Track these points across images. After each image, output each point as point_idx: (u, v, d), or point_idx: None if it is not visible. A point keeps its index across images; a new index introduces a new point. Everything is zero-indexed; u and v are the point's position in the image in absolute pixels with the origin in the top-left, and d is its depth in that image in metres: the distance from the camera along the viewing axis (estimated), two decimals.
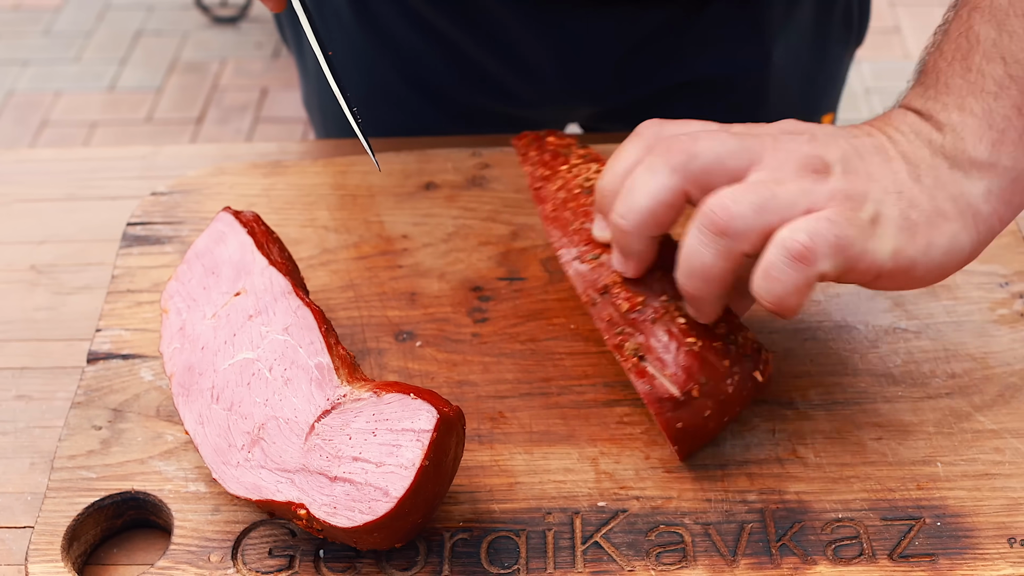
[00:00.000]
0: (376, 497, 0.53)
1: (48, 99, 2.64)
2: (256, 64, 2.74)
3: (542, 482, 0.62)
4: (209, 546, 0.60)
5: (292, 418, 0.58)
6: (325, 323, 0.60)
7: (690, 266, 0.57)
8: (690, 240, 0.57)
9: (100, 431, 0.66)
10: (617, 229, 0.60)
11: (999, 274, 0.74)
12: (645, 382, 0.60)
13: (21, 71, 2.73)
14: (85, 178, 0.88)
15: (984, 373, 0.68)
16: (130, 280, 0.75)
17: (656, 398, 0.59)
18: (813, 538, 0.59)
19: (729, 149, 0.58)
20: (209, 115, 2.58)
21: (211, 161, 0.87)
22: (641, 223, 0.59)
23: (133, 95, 2.65)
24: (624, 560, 0.59)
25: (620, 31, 0.91)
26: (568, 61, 0.92)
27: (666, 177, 0.57)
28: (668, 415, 0.60)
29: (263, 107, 2.61)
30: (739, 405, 0.62)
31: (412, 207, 0.79)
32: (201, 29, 2.85)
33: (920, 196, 0.59)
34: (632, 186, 0.59)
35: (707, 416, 0.60)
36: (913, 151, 0.61)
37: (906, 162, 0.60)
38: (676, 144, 0.58)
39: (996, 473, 0.62)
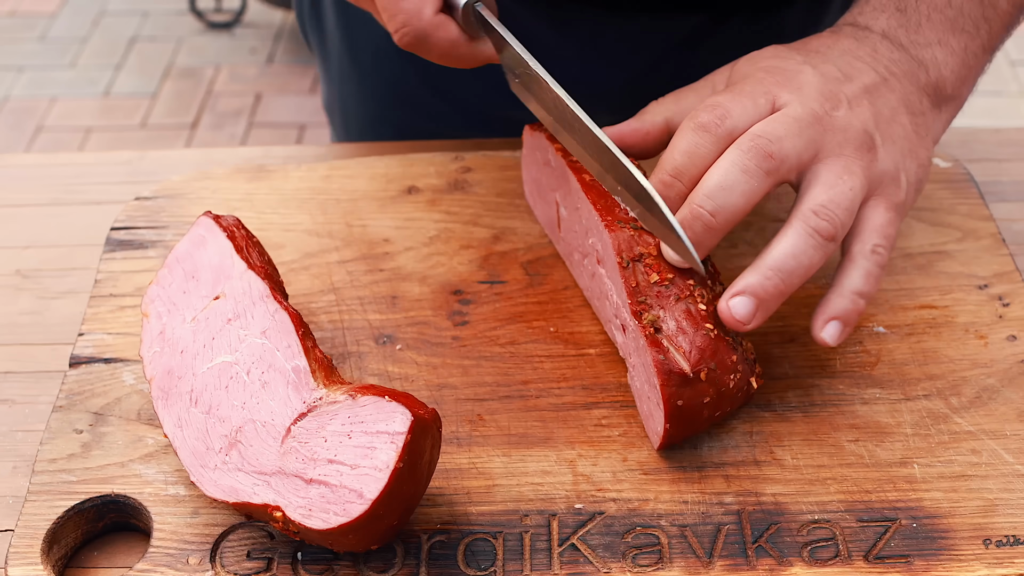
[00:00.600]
0: (351, 499, 0.53)
1: (43, 105, 2.65)
2: (250, 69, 2.75)
3: (519, 484, 0.62)
4: (188, 549, 0.60)
5: (269, 421, 0.58)
6: (302, 327, 0.61)
7: (789, 252, 0.61)
8: (795, 233, 0.61)
9: (81, 435, 0.66)
10: (700, 221, 0.61)
11: (978, 276, 0.74)
12: (659, 352, 0.60)
13: (16, 77, 2.73)
14: (71, 183, 0.88)
15: (962, 375, 0.68)
16: (113, 284, 0.75)
17: (667, 370, 0.60)
18: (789, 540, 0.60)
19: (804, 144, 0.62)
20: (203, 120, 2.59)
21: (196, 166, 0.87)
22: (732, 221, 0.61)
23: (128, 101, 2.65)
24: (600, 562, 0.59)
25: (645, 40, 0.90)
26: (590, 69, 0.92)
27: (761, 180, 0.61)
28: (673, 389, 0.60)
29: (257, 112, 2.62)
30: (731, 404, 0.63)
31: (394, 211, 0.79)
32: (196, 35, 2.86)
33: (921, 149, 0.67)
34: (725, 183, 0.61)
35: (706, 403, 0.61)
36: (908, 96, 0.66)
37: (908, 112, 0.66)
38: (764, 145, 0.61)
39: (972, 474, 0.63)
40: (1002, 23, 0.69)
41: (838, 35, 0.69)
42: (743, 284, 0.60)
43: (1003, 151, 0.88)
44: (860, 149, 0.63)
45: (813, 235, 0.61)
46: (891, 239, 0.64)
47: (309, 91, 2.69)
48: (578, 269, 0.72)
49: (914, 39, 0.67)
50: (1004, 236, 0.80)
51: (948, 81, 0.67)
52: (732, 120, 0.63)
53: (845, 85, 0.65)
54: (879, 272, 0.63)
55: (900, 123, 0.66)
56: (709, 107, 0.63)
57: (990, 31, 0.68)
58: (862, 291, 0.63)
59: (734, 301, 0.60)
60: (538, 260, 0.75)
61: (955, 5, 0.67)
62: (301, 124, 2.58)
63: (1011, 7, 0.69)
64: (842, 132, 0.63)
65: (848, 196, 0.62)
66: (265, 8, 2.89)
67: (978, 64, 0.69)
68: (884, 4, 0.69)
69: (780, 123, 0.62)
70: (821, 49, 0.67)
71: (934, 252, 0.76)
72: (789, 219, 0.62)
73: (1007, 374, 0.68)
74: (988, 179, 0.86)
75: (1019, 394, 0.67)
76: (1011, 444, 0.64)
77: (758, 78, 0.65)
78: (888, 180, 0.64)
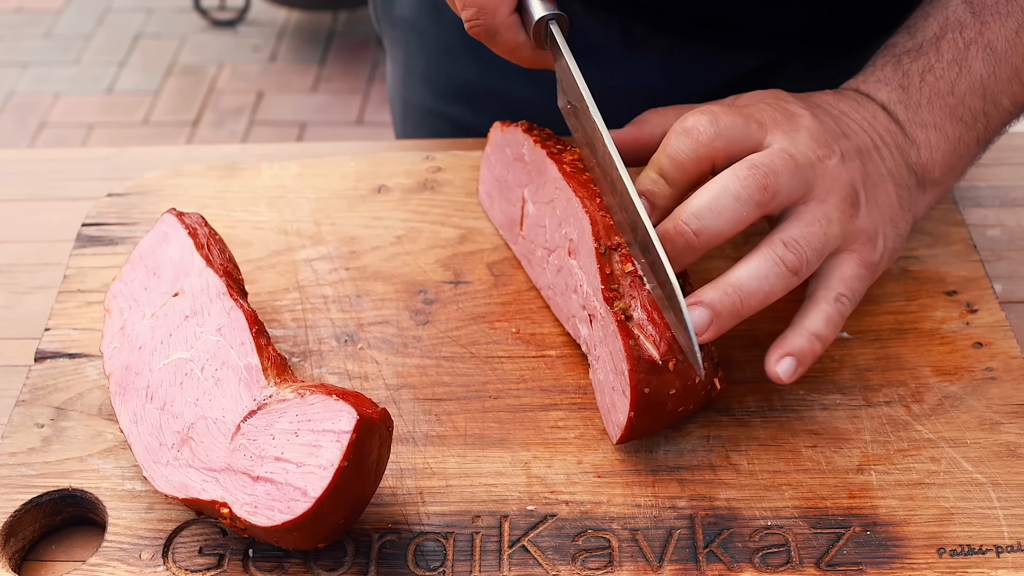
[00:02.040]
0: (295, 497, 0.53)
1: (47, 101, 2.66)
2: (253, 67, 2.76)
3: (473, 485, 0.62)
4: (141, 544, 0.60)
5: (220, 418, 0.58)
6: (256, 324, 0.61)
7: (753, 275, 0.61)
8: (762, 258, 0.61)
9: (42, 429, 0.66)
10: (683, 238, 0.61)
11: (947, 282, 0.74)
12: (629, 338, 0.60)
13: (21, 73, 2.75)
14: (47, 179, 0.88)
15: (925, 382, 0.68)
16: (81, 280, 0.75)
17: (637, 356, 0.60)
18: (741, 545, 0.59)
19: (797, 183, 0.63)
20: (205, 118, 2.60)
21: (173, 163, 0.87)
22: (713, 244, 0.62)
23: (131, 97, 2.66)
24: (549, 564, 0.59)
25: (721, 65, 0.89)
26: (670, 82, 0.90)
27: (751, 210, 0.61)
28: (641, 375, 0.60)
29: (259, 110, 2.62)
30: (693, 401, 0.63)
31: (363, 210, 0.79)
32: (199, 32, 2.87)
33: (901, 220, 0.68)
34: (714, 207, 0.61)
35: (671, 394, 0.61)
36: (897, 169, 0.67)
37: (895, 183, 0.67)
38: (760, 178, 0.61)
39: (930, 483, 0.62)
40: (1002, 119, 0.70)
41: (840, 96, 0.69)
42: (702, 296, 0.60)
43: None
44: (844, 201, 0.64)
45: (778, 264, 0.61)
46: (857, 293, 0.65)
47: (311, 90, 2.70)
48: (539, 268, 0.72)
49: (912, 117, 0.68)
50: (978, 242, 0.79)
51: (937, 165, 0.68)
52: (718, 128, 0.63)
53: (840, 140, 0.66)
54: (840, 320, 0.64)
55: (886, 190, 0.66)
56: (699, 112, 0.64)
57: (987, 125, 0.69)
58: (820, 334, 0.64)
59: (693, 311, 0.60)
60: (503, 260, 0.75)
61: (957, 94, 0.68)
62: (302, 122, 2.59)
63: (1013, 106, 0.70)
64: (832, 181, 0.64)
65: (821, 239, 0.63)
66: (269, 6, 2.90)
67: (969, 154, 0.70)
68: (888, 78, 0.69)
69: (778, 158, 0.62)
70: (822, 104, 0.68)
71: (903, 257, 0.75)
72: (759, 245, 0.62)
73: (971, 382, 0.68)
74: (965, 184, 0.85)
75: (982, 402, 0.66)
76: (971, 452, 0.64)
77: (759, 107, 0.66)
78: (865, 238, 0.65)
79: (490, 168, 0.76)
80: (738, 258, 0.63)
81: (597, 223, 0.64)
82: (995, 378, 0.68)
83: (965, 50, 0.68)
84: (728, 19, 0.85)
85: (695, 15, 0.85)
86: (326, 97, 2.68)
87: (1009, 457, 0.63)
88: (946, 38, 0.68)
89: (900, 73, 0.69)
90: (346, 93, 2.69)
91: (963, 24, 0.68)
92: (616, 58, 0.90)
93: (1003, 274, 0.78)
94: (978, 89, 0.68)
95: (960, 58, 0.68)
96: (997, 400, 0.66)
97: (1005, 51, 0.68)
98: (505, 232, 0.76)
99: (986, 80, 0.68)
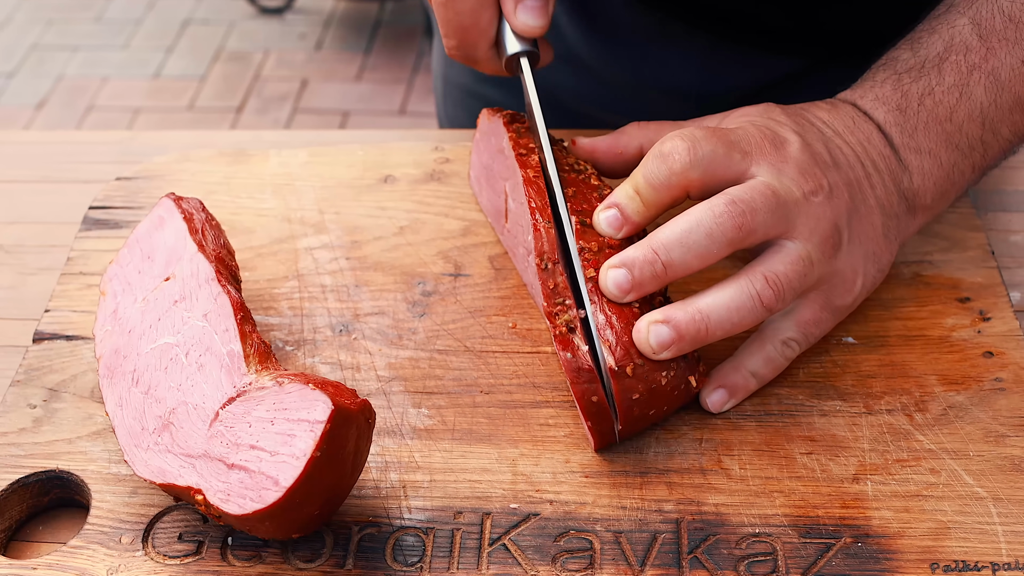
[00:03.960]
0: (267, 486, 0.53)
1: (95, 84, 2.69)
2: (298, 55, 2.77)
3: (457, 481, 0.62)
4: (122, 528, 0.60)
5: (200, 404, 0.58)
6: (242, 311, 0.60)
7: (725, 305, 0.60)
8: (739, 290, 0.60)
9: (34, 409, 0.66)
10: (652, 268, 0.60)
11: (961, 288, 0.71)
12: (566, 350, 0.59)
13: (71, 56, 2.78)
14: (63, 161, 0.89)
15: (930, 391, 0.66)
16: (84, 263, 0.76)
17: (576, 368, 0.59)
18: (726, 552, 0.58)
19: (775, 220, 0.61)
20: (249, 104, 2.61)
21: (187, 148, 0.87)
22: (681, 276, 0.61)
23: (177, 83, 2.69)
24: (529, 564, 0.58)
25: (760, 64, 0.87)
26: (709, 78, 0.89)
27: (722, 248, 0.60)
28: (584, 386, 0.59)
29: (302, 98, 2.63)
30: (667, 402, 0.61)
31: (368, 200, 0.79)
32: (247, 19, 2.89)
33: (885, 253, 0.66)
34: (685, 241, 0.59)
35: (635, 399, 0.60)
36: (887, 197, 0.65)
37: (883, 213, 0.65)
38: (737, 216, 0.60)
39: (928, 495, 0.60)
40: (1000, 148, 0.68)
41: (836, 112, 0.67)
42: (669, 315, 0.59)
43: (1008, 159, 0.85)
44: (826, 242, 0.62)
45: (754, 299, 0.60)
46: (811, 338, 0.65)
47: (355, 78, 2.71)
48: (521, 264, 0.70)
49: (907, 142, 0.66)
50: (1001, 247, 0.77)
51: (928, 193, 0.66)
52: (694, 157, 0.61)
53: (829, 171, 0.63)
54: (783, 363, 0.64)
55: (872, 223, 0.65)
56: (678, 136, 0.62)
57: (985, 154, 0.67)
58: (758, 373, 0.64)
59: (655, 327, 0.59)
60: (505, 254, 0.74)
61: (956, 121, 0.66)
62: (345, 111, 2.60)
63: (1013, 135, 0.67)
64: (816, 220, 0.62)
65: (801, 280, 0.61)
66: None
67: (963, 181, 0.68)
68: (887, 97, 0.67)
69: (759, 194, 0.60)
70: (816, 123, 0.66)
71: (917, 261, 0.73)
72: (739, 273, 0.61)
73: (978, 392, 0.65)
74: (989, 188, 0.83)
75: (988, 414, 0.64)
76: (973, 465, 0.62)
77: (747, 131, 0.63)
78: (839, 281, 0.64)
79: (479, 155, 0.75)
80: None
81: (541, 238, 0.63)
82: (1004, 389, 0.65)
83: (968, 75, 0.65)
84: (761, 21, 0.83)
85: (730, 15, 0.84)
86: (370, 86, 2.68)
87: (1013, 471, 0.61)
88: (949, 60, 0.66)
89: (900, 93, 0.66)
90: (390, 83, 2.69)
91: (968, 47, 0.65)
92: (652, 53, 0.88)
93: (1023, 282, 0.75)
94: (977, 117, 0.65)
95: (962, 83, 0.65)
96: (1004, 412, 0.64)
97: (1009, 80, 0.65)
98: (493, 221, 0.75)
99: (987, 108, 0.65)
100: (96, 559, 0.58)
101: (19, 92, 2.66)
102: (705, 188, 0.62)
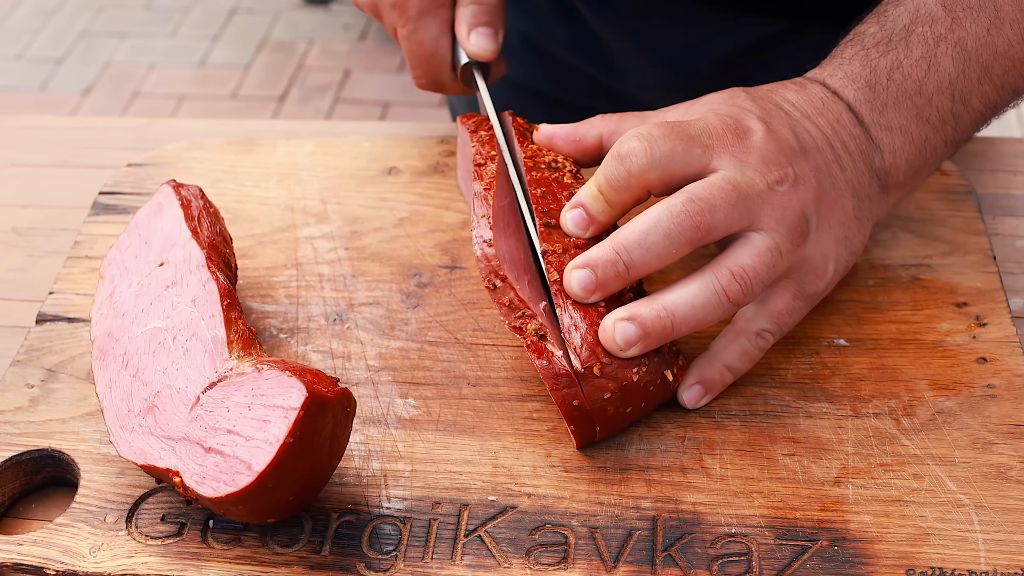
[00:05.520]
0: (240, 470, 0.54)
1: (141, 72, 2.73)
2: (342, 45, 2.79)
3: (438, 471, 0.62)
4: (107, 507, 0.61)
5: (183, 388, 0.59)
6: (229, 298, 0.61)
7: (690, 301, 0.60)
8: (704, 286, 0.60)
9: (32, 389, 0.68)
10: (614, 268, 0.60)
11: (959, 293, 0.71)
12: (540, 357, 0.60)
13: (119, 43, 2.83)
14: (79, 147, 0.90)
15: (919, 396, 0.65)
16: (90, 247, 0.77)
17: (553, 374, 0.59)
18: (700, 551, 0.58)
19: (738, 216, 0.60)
20: (292, 94, 2.64)
21: (200, 135, 0.89)
22: (643, 275, 0.61)
23: (221, 71, 2.72)
24: (502, 556, 0.58)
25: (741, 29, 0.88)
26: (661, 66, 0.90)
27: (682, 248, 0.60)
28: (564, 391, 0.59)
29: (344, 88, 2.65)
30: (644, 399, 0.61)
31: (371, 191, 0.80)
32: (293, 9, 2.91)
33: (857, 235, 0.65)
34: (645, 243, 0.60)
35: (607, 399, 0.60)
36: (858, 178, 0.65)
37: (854, 195, 0.64)
38: (695, 215, 0.59)
39: (909, 500, 0.60)
40: (972, 121, 0.67)
41: (805, 92, 0.66)
42: (635, 312, 0.59)
43: (1019, 163, 0.84)
44: (793, 231, 0.61)
45: (720, 294, 0.60)
46: (785, 327, 0.64)
47: (397, 70, 2.72)
48: None
49: (877, 119, 0.65)
50: (1006, 253, 0.76)
51: (901, 170, 0.66)
52: (651, 158, 0.61)
53: (795, 160, 0.62)
54: (757, 354, 0.64)
55: (842, 207, 0.64)
56: (636, 136, 0.61)
57: (956, 127, 0.66)
58: (733, 367, 0.64)
59: (620, 325, 0.59)
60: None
61: (925, 94, 0.65)
62: (386, 102, 2.61)
63: (983, 106, 0.66)
64: (781, 210, 0.61)
65: (769, 272, 0.61)
66: None
67: (935, 156, 0.67)
68: (856, 75, 0.66)
69: (719, 190, 0.60)
70: (784, 106, 0.65)
71: (916, 265, 0.73)
72: (705, 268, 0.61)
73: (969, 398, 0.65)
74: (999, 191, 0.82)
75: (977, 420, 0.63)
76: (958, 472, 0.61)
77: (709, 123, 0.62)
78: (809, 268, 0.63)
79: (460, 159, 0.76)
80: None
81: (482, 260, 0.62)
82: (995, 396, 0.65)
83: (935, 47, 0.65)
84: None
85: None
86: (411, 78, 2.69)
87: (997, 479, 0.60)
88: (916, 32, 0.65)
89: (868, 70, 0.66)
90: None
91: (934, 18, 0.65)
92: (635, 21, 0.89)
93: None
94: (947, 89, 0.65)
95: (929, 55, 0.65)
96: (994, 419, 0.63)
97: (976, 49, 0.64)
98: None
99: (955, 79, 0.65)
100: (80, 537, 0.60)
101: (67, 78, 2.71)
102: (666, 187, 0.62)
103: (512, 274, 0.62)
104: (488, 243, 0.63)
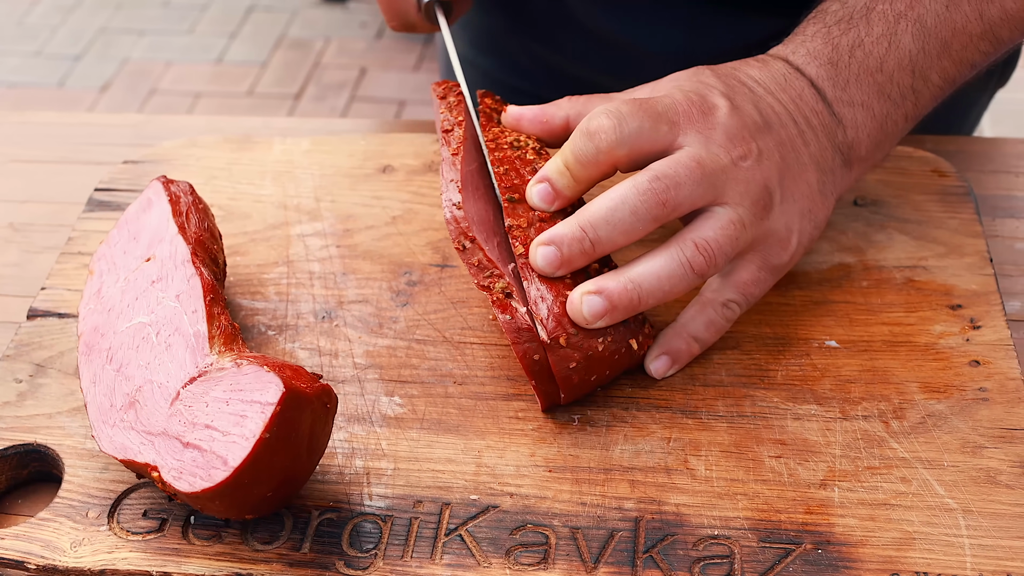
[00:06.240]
0: (216, 465, 0.54)
1: (159, 68, 2.74)
2: (359, 44, 2.79)
3: (420, 470, 0.62)
4: (90, 502, 0.61)
5: (165, 383, 0.59)
6: (212, 293, 0.61)
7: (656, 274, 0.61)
8: (669, 258, 0.61)
9: (20, 384, 0.68)
10: (580, 245, 0.61)
11: (954, 295, 0.70)
12: (504, 312, 0.61)
13: (137, 40, 2.84)
14: (79, 143, 0.91)
15: (910, 399, 0.64)
16: (83, 243, 0.77)
17: (515, 327, 0.60)
18: (682, 553, 0.57)
19: (702, 191, 0.61)
20: (308, 92, 2.64)
21: (200, 132, 0.89)
22: (609, 252, 0.62)
23: (238, 68, 2.73)
24: (482, 556, 0.58)
25: (744, 26, 0.88)
26: (694, 40, 0.90)
27: (647, 224, 0.61)
28: (525, 346, 0.60)
29: (360, 86, 2.66)
30: (609, 367, 0.62)
31: (365, 189, 0.79)
32: (310, 7, 2.92)
33: (821, 209, 0.67)
34: (611, 219, 0.60)
35: (572, 368, 0.61)
36: (821, 153, 0.65)
37: (817, 169, 0.65)
38: (661, 192, 0.60)
39: (896, 504, 0.59)
40: (931, 95, 0.68)
41: (767, 69, 0.67)
42: (602, 285, 0.60)
43: (1021, 164, 0.83)
44: (757, 204, 0.62)
45: (684, 266, 0.61)
46: (751, 298, 0.65)
47: (413, 68, 2.72)
48: None
49: (839, 95, 0.66)
50: (1005, 255, 0.75)
51: (863, 144, 0.67)
52: (620, 135, 0.61)
53: (759, 135, 0.63)
54: (725, 325, 0.65)
55: (806, 180, 0.64)
56: (605, 113, 0.62)
57: (916, 102, 0.67)
58: (700, 337, 0.65)
59: (588, 298, 0.60)
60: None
61: (886, 71, 0.66)
62: (401, 100, 2.61)
63: (943, 81, 0.68)
64: (745, 184, 0.62)
65: (733, 244, 0.62)
66: None
67: (897, 131, 0.68)
68: (818, 52, 0.67)
69: (683, 167, 0.61)
70: (747, 82, 0.66)
71: (911, 266, 0.72)
72: (670, 241, 0.61)
73: (960, 401, 0.64)
74: (1000, 193, 0.81)
75: (968, 424, 0.63)
76: (946, 476, 0.60)
77: (675, 99, 0.63)
78: (774, 240, 0.64)
79: (436, 120, 0.75)
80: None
81: (451, 221, 0.63)
82: (987, 399, 0.64)
83: (895, 24, 0.66)
84: None
85: None
86: (428, 76, 2.69)
87: (987, 483, 0.60)
88: (876, 9, 0.66)
89: (830, 47, 0.66)
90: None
91: None
92: (642, 15, 0.89)
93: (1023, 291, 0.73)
94: (907, 65, 0.66)
95: (890, 32, 0.66)
96: (985, 422, 0.63)
97: (935, 26, 0.65)
98: None
99: (915, 56, 0.66)
100: (62, 532, 0.60)
101: (85, 75, 2.72)
102: (633, 163, 0.63)
103: (481, 235, 0.63)
104: (457, 206, 0.63)
